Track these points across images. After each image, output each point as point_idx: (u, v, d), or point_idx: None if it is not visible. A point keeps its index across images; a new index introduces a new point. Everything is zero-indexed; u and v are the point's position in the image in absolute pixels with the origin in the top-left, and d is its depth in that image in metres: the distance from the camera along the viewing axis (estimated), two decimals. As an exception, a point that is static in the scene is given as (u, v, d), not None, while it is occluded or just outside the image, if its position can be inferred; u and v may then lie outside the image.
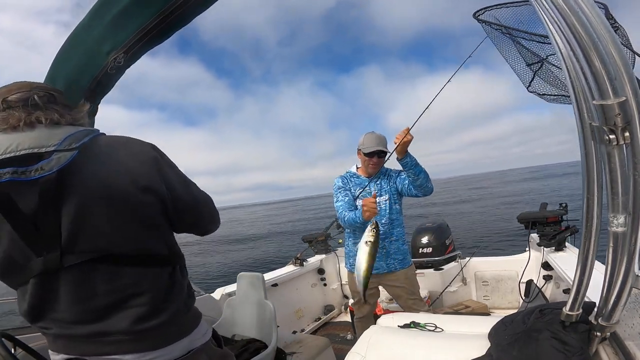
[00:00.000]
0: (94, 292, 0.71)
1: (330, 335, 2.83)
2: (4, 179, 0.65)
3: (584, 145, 0.63)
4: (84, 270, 0.70)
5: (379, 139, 1.93)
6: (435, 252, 3.06)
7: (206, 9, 0.97)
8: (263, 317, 1.76)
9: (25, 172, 0.66)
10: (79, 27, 1.01)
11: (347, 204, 1.93)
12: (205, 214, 0.89)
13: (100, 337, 0.72)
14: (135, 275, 0.73)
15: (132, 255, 0.73)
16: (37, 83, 0.77)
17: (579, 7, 0.46)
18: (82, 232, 0.69)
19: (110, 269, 0.71)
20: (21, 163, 0.66)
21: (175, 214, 0.79)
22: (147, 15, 0.93)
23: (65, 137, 0.69)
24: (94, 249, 0.70)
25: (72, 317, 0.72)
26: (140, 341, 0.74)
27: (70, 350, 0.74)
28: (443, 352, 1.10)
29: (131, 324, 0.72)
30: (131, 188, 0.71)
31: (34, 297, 0.71)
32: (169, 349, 0.76)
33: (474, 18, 1.40)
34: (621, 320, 0.82)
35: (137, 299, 0.73)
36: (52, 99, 0.75)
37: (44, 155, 0.67)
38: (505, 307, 2.93)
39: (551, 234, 2.47)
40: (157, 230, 0.77)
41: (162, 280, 0.77)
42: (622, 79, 0.47)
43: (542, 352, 0.86)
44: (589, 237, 0.71)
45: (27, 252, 0.68)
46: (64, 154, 0.67)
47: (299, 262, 3.15)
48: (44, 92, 0.74)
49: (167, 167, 0.78)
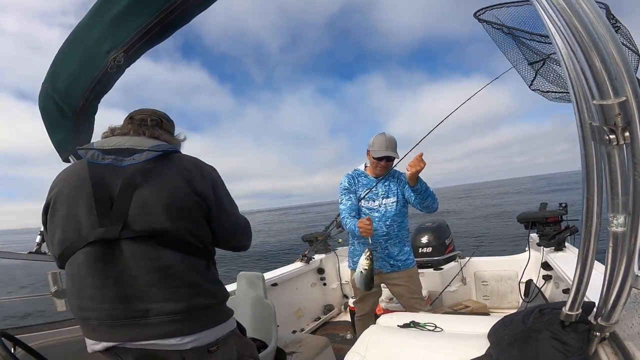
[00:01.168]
0: (140, 267, 0.81)
1: (330, 334, 2.83)
2: (106, 161, 0.87)
3: (584, 146, 0.63)
4: (136, 246, 0.82)
5: (389, 142, 1.91)
6: (435, 251, 3.06)
7: (206, 9, 0.97)
8: (263, 317, 1.76)
9: (122, 160, 0.87)
10: (79, 27, 1.01)
11: (349, 209, 1.92)
12: (241, 229, 1.05)
13: (141, 317, 0.80)
14: (176, 258, 0.84)
15: (176, 240, 0.85)
16: (157, 111, 1.04)
17: (579, 6, 0.46)
18: (142, 215, 0.83)
19: (157, 248, 0.83)
20: (122, 154, 0.88)
21: (216, 220, 0.95)
22: (147, 15, 0.93)
23: (158, 144, 0.92)
24: (149, 230, 0.83)
25: (117, 293, 0.80)
26: (177, 323, 0.82)
27: (110, 337, 0.81)
28: (443, 351, 1.10)
29: (170, 304, 0.81)
30: (189, 190, 0.88)
31: (84, 268, 0.81)
32: (206, 333, 0.86)
33: (474, 17, 1.40)
34: (620, 320, 0.82)
35: (176, 279, 0.83)
36: (159, 123, 1.01)
37: (139, 152, 0.88)
38: (504, 307, 2.93)
39: (551, 234, 2.47)
40: (198, 226, 0.90)
41: (200, 269, 0.89)
42: (623, 79, 0.47)
43: (542, 352, 0.86)
44: (588, 237, 0.71)
45: (95, 222, 0.82)
46: (151, 152, 0.88)
47: (305, 259, 3.18)
48: (157, 117, 1.02)
49: (220, 186, 0.97)
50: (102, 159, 0.87)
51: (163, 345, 0.81)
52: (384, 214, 1.93)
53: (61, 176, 0.90)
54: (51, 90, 1.18)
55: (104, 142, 0.92)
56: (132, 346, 0.80)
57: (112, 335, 0.81)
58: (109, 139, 0.93)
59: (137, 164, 0.86)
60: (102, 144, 0.91)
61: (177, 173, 0.89)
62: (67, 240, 0.84)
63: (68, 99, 1.19)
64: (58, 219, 0.85)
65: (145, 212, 0.83)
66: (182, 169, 0.90)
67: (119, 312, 0.80)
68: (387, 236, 1.93)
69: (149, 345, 0.80)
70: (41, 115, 1.31)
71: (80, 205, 0.84)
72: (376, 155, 1.90)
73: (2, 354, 0.85)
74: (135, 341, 0.80)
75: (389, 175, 1.98)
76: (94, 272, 0.81)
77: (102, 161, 0.87)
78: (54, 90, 1.17)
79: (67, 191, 0.86)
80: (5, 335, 0.94)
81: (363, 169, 2.05)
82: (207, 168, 0.96)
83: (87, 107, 1.23)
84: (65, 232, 0.84)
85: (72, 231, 0.83)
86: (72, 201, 0.84)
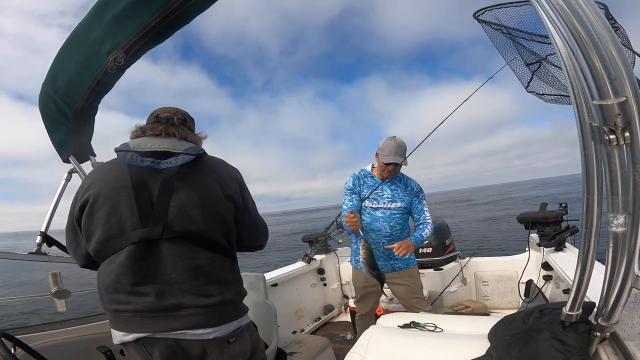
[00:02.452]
0: (176, 266, 0.87)
1: (330, 335, 2.83)
2: (145, 164, 0.91)
3: (584, 146, 0.63)
4: (173, 246, 0.88)
5: (398, 148, 1.92)
6: (435, 252, 3.06)
7: (206, 9, 0.97)
8: (264, 317, 1.76)
9: (159, 163, 0.92)
10: (80, 27, 1.01)
11: (349, 210, 1.91)
12: (261, 229, 1.11)
13: (173, 310, 0.86)
14: (207, 258, 0.91)
15: (208, 241, 0.92)
16: (180, 110, 1.06)
17: (579, 6, 0.46)
18: (180, 216, 0.89)
19: (192, 248, 0.89)
20: (159, 156, 0.93)
21: (242, 222, 1.01)
22: (147, 15, 0.93)
23: (189, 147, 0.96)
24: (185, 231, 0.89)
25: (154, 289, 0.85)
26: (207, 315, 0.88)
27: (142, 328, 0.85)
28: (443, 352, 1.10)
29: (201, 299, 0.87)
30: (220, 193, 0.94)
31: (123, 267, 0.86)
32: (225, 326, 0.92)
33: (474, 18, 1.40)
34: (621, 320, 0.82)
35: (206, 277, 0.90)
36: (184, 122, 1.05)
37: (174, 154, 0.93)
38: (505, 307, 2.93)
39: (551, 234, 2.46)
40: (228, 228, 0.97)
41: (227, 267, 0.96)
42: (622, 79, 0.47)
43: (542, 352, 0.86)
44: (588, 237, 0.71)
45: (136, 222, 0.87)
46: (187, 156, 0.93)
47: (307, 259, 3.20)
48: (182, 116, 1.05)
49: (245, 189, 1.04)
50: (141, 162, 0.91)
51: (190, 335, 0.87)
52: (388, 216, 1.94)
53: (97, 176, 0.93)
54: (51, 91, 1.18)
55: (140, 143, 0.94)
56: (162, 336, 0.86)
57: (145, 326, 0.85)
58: (144, 141, 0.95)
59: (174, 168, 0.91)
60: (138, 144, 0.94)
61: (209, 177, 0.95)
62: (109, 238, 0.88)
63: (68, 99, 1.19)
64: (99, 218, 0.88)
65: (182, 213, 0.88)
66: (214, 172, 0.96)
67: (154, 305, 0.85)
68: (389, 237, 1.93)
69: (177, 334, 0.86)
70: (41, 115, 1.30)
71: (123, 206, 0.88)
72: (385, 160, 1.91)
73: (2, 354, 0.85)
74: (166, 332, 0.85)
75: (395, 179, 1.99)
76: (134, 270, 0.86)
77: (141, 164, 0.91)
78: (54, 90, 1.17)
79: (107, 191, 0.89)
80: (5, 335, 0.94)
81: (370, 169, 2.05)
82: (234, 170, 1.03)
83: (87, 107, 1.23)
84: (107, 231, 0.87)
85: (115, 230, 0.87)
86: (114, 202, 0.88)
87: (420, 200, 2.01)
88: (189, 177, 0.92)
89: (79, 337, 1.32)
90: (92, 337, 1.30)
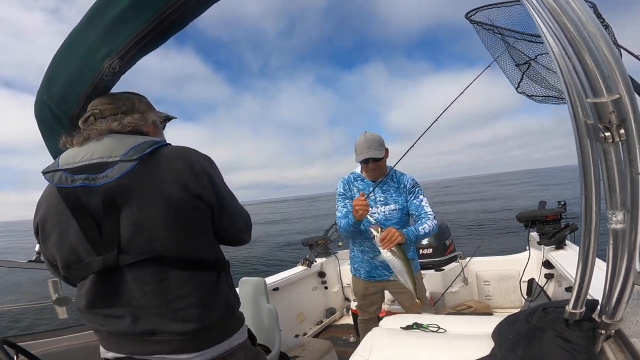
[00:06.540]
0: (144, 291, 0.76)
1: (333, 338, 2.82)
2: (77, 184, 0.76)
3: (580, 144, 0.63)
4: (137, 270, 0.76)
5: (369, 142, 1.75)
6: (436, 252, 3.05)
7: (202, 12, 0.97)
8: (266, 322, 1.75)
9: (95, 179, 0.76)
10: (73, 33, 1.01)
11: (344, 217, 1.80)
12: (242, 224, 0.95)
13: (149, 335, 0.78)
14: (182, 278, 0.78)
15: (181, 259, 0.78)
16: (116, 94, 0.91)
17: (569, 6, 0.46)
18: (138, 235, 0.75)
19: (161, 270, 0.77)
20: (92, 171, 0.76)
21: (218, 219, 0.85)
22: (142, 21, 0.93)
23: (130, 148, 0.78)
24: (148, 251, 0.75)
25: (126, 313, 0.77)
26: (185, 342, 0.79)
27: (120, 349, 0.80)
28: (447, 352, 1.10)
29: (178, 325, 0.77)
30: (185, 195, 0.77)
31: (91, 293, 0.78)
32: (211, 350, 0.81)
33: (466, 19, 1.41)
34: (625, 317, 0.82)
35: (183, 300, 0.78)
36: (115, 111, 0.88)
37: (110, 165, 0.76)
38: (507, 307, 2.92)
39: (551, 232, 2.46)
40: (205, 235, 0.83)
41: (207, 285, 0.82)
42: (615, 77, 0.47)
43: (547, 351, 0.85)
44: (588, 235, 0.71)
45: (89, 248, 0.76)
46: (124, 164, 0.75)
47: (307, 263, 3.19)
48: (106, 105, 0.90)
49: (218, 180, 0.84)
50: (72, 182, 0.76)
51: (170, 359, 0.79)
52: (383, 220, 1.79)
53: (44, 197, 0.83)
54: (46, 97, 1.18)
55: (69, 157, 0.79)
56: (140, 358, 0.80)
57: (122, 347, 0.80)
58: (74, 153, 0.80)
59: (111, 183, 0.75)
60: (67, 160, 0.79)
61: (167, 177, 0.77)
62: (68, 265, 0.80)
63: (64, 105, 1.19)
64: (52, 245, 0.80)
65: (139, 232, 0.75)
66: (171, 171, 0.77)
67: (128, 329, 0.78)
68: None
69: (157, 358, 0.79)
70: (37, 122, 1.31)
71: (71, 231, 0.77)
72: (359, 159, 1.77)
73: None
74: (143, 355, 0.79)
75: (387, 179, 1.83)
76: (103, 297, 0.79)
77: (72, 184, 0.76)
78: (49, 97, 1.17)
79: (53, 216, 0.79)
80: (7, 342, 0.94)
81: (359, 171, 1.92)
82: (199, 161, 0.82)
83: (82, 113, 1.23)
84: (64, 259, 0.80)
85: (71, 257, 0.79)
86: (62, 226, 0.78)
87: (416, 195, 1.82)
88: (137, 187, 0.75)
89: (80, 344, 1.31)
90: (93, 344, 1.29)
